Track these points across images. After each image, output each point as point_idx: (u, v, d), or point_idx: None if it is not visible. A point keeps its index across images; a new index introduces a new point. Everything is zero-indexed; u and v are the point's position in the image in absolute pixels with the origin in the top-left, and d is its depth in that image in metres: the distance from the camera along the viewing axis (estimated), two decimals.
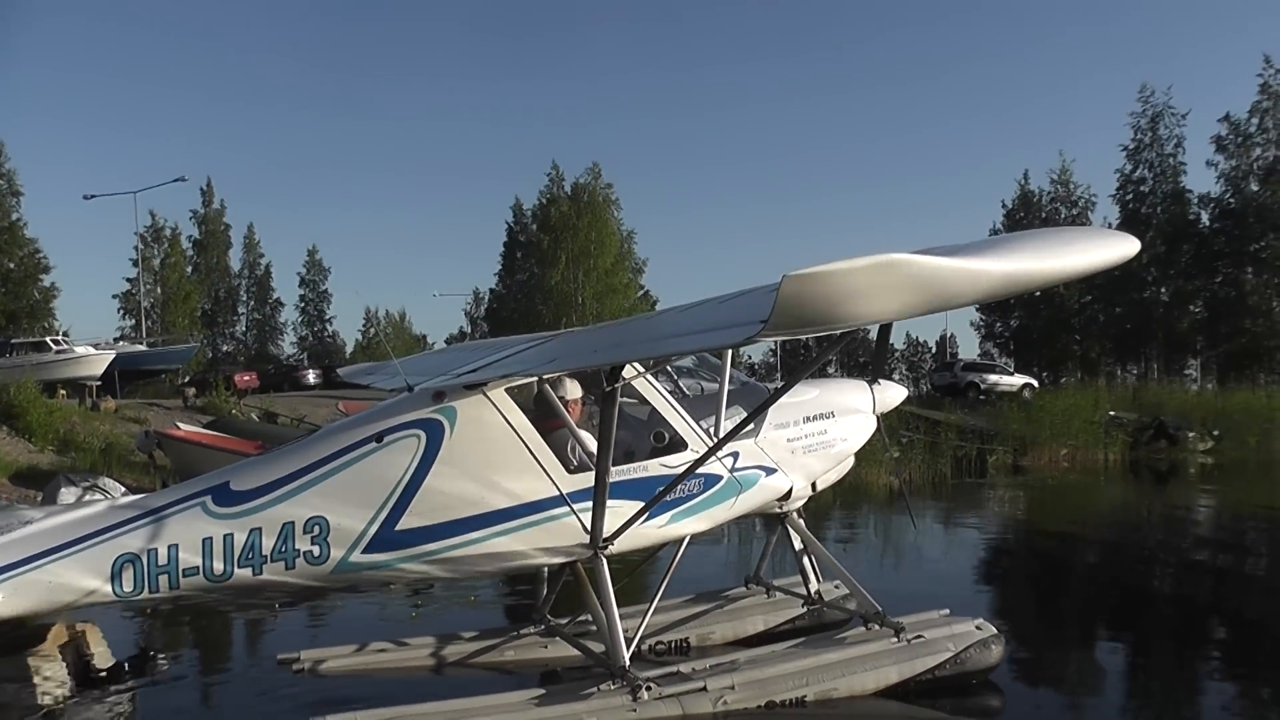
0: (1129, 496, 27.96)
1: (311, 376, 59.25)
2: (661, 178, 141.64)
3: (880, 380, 10.11)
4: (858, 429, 9.65)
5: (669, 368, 9.25)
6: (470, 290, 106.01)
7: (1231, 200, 66.39)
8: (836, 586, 10.40)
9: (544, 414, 8.41)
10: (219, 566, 7.66)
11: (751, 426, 8.61)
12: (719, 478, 8.54)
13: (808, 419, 9.17)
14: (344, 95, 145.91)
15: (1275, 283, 63.40)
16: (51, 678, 9.81)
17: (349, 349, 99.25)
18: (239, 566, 7.69)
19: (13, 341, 44.68)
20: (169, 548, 7.57)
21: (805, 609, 10.35)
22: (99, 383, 39.78)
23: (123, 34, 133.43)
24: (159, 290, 77.23)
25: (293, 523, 7.74)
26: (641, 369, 8.25)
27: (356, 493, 7.84)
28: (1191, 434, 38.31)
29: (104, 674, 9.93)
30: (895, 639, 8.71)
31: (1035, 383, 50.21)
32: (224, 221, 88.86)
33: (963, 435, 34.51)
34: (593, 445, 8.24)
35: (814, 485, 9.62)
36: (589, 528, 8.01)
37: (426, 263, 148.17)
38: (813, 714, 8.11)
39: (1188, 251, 67.56)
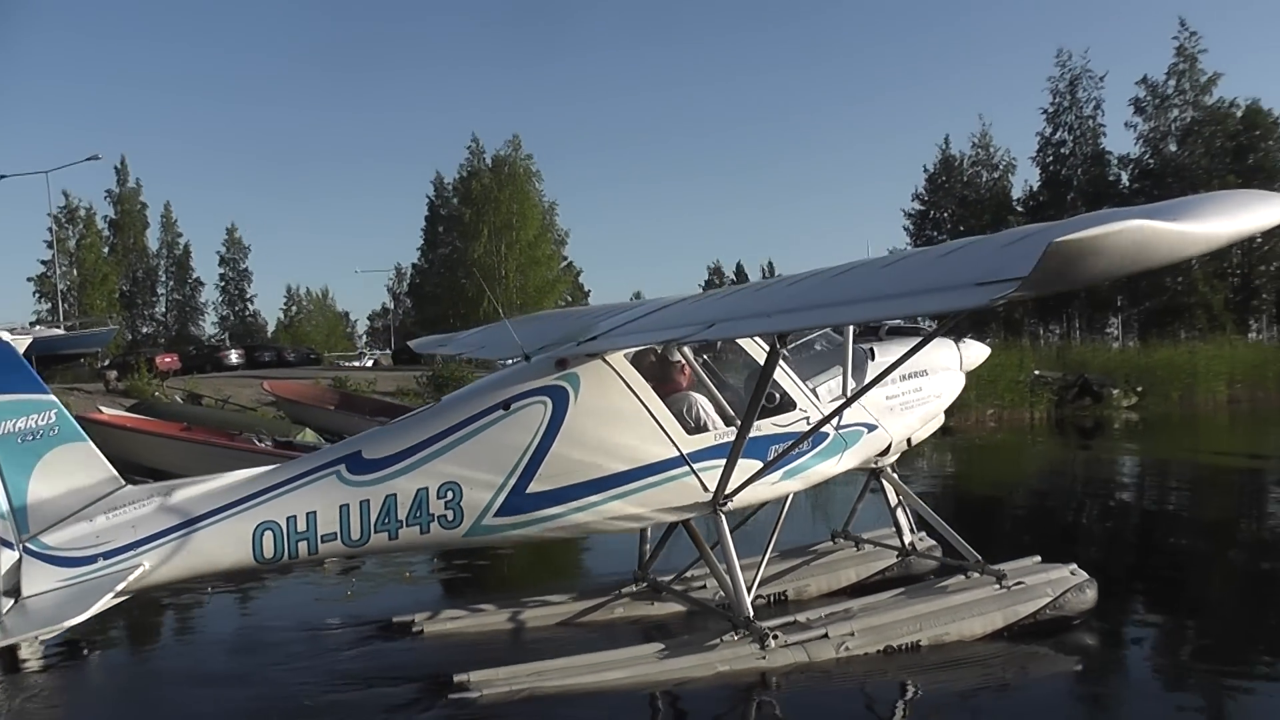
0: (1056, 453, 28.45)
1: (234, 357, 58.41)
2: (582, 151, 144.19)
3: (965, 339, 10.50)
4: (949, 385, 10.06)
5: None
6: (392, 266, 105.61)
7: (1151, 161, 67.82)
8: (922, 538, 10.79)
9: (662, 377, 8.72)
10: (356, 532, 7.92)
11: (854, 385, 8.99)
12: (825, 435, 8.91)
13: (904, 377, 9.53)
14: (255, 71, 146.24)
15: None
16: None
17: (270, 328, 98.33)
18: (375, 532, 7.97)
19: None
20: (307, 515, 7.82)
21: (898, 559, 10.76)
22: None
23: (29, 13, 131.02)
24: (75, 272, 74.77)
25: (426, 489, 8.02)
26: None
27: (488, 459, 8.13)
28: (1115, 391, 38.59)
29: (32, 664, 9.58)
30: (998, 586, 9.14)
31: None
32: (140, 201, 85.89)
33: None
34: (710, 407, 8.61)
35: (909, 440, 10.00)
36: (707, 486, 8.35)
37: (347, 239, 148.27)
38: (927, 658, 8.53)
39: None
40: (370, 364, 72.33)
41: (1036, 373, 38.21)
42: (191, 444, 20.73)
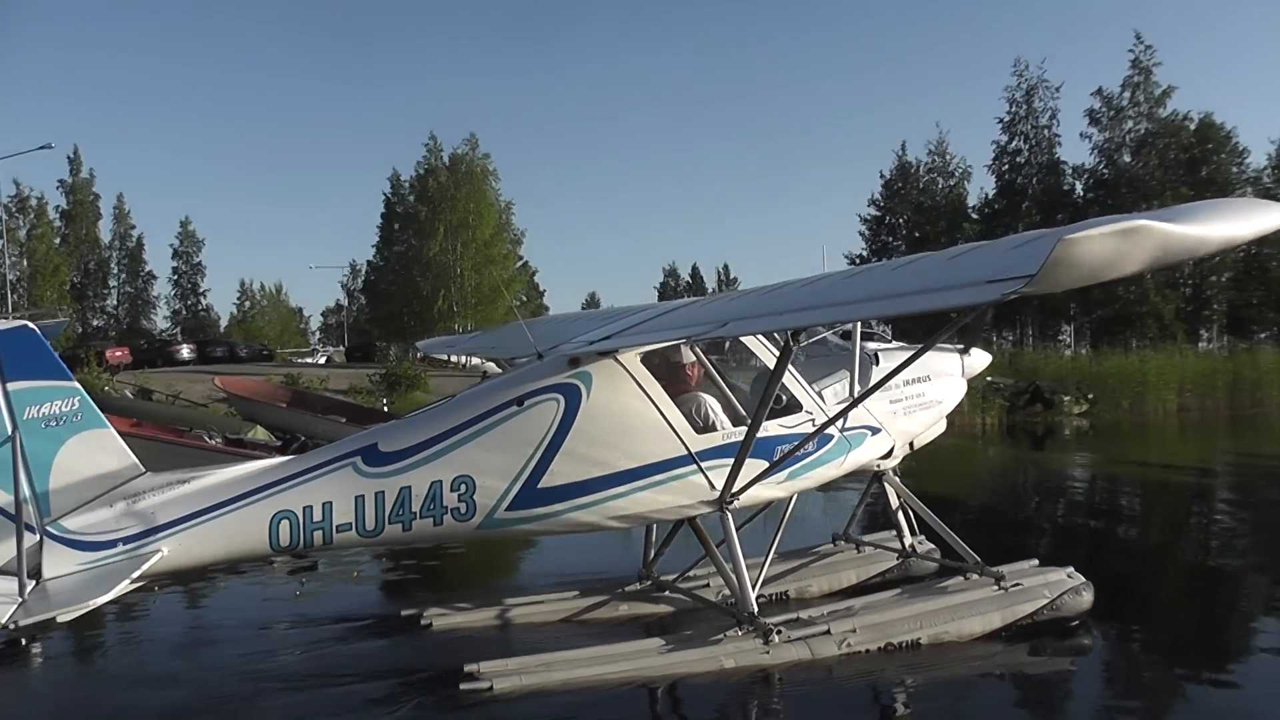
0: (1006, 459, 28.89)
1: (185, 351, 58.42)
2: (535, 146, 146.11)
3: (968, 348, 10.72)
4: (951, 391, 10.26)
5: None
6: (347, 262, 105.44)
7: (1105, 171, 68.60)
8: (922, 541, 10.97)
9: (672, 377, 8.84)
10: (371, 523, 8.04)
11: (859, 389, 9.15)
12: (830, 437, 9.08)
13: (908, 382, 9.70)
14: (211, 62, 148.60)
15: None
16: None
17: (223, 323, 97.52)
18: (390, 523, 8.09)
19: None
20: (323, 505, 7.95)
21: (898, 561, 10.96)
22: None
23: None
24: (25, 263, 73.01)
25: (440, 481, 8.15)
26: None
27: (501, 453, 8.26)
28: (1066, 398, 39.14)
29: None
30: (996, 587, 9.34)
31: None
32: (93, 191, 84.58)
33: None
34: (719, 407, 8.74)
35: (911, 444, 10.19)
36: (714, 484, 8.52)
37: (302, 235, 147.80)
38: (927, 655, 8.70)
39: (1062, 221, 67.93)
40: (323, 360, 71.99)
41: (989, 379, 38.55)
42: (141, 440, 20.46)
